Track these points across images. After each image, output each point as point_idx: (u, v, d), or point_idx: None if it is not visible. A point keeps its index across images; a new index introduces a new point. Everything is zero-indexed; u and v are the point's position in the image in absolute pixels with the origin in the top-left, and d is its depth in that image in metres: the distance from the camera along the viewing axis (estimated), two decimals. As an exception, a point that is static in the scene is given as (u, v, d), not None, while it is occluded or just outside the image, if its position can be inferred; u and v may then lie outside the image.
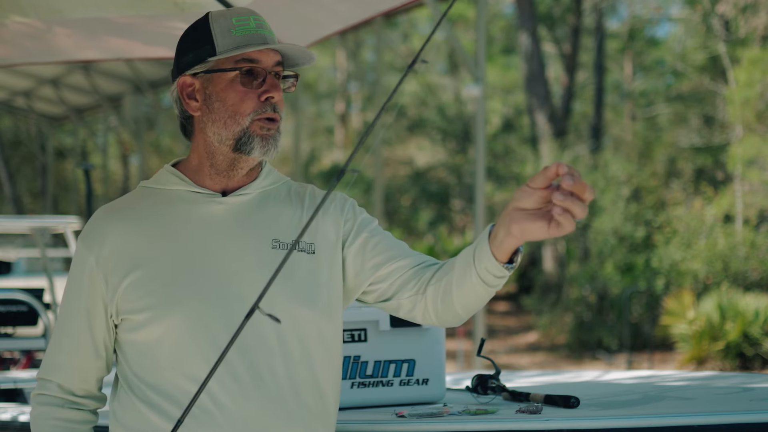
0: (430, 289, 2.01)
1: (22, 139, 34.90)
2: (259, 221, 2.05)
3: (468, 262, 1.91)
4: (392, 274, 2.06)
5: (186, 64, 2.06)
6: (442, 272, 2.00)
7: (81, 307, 2.04)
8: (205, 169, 2.06)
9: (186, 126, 2.10)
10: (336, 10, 3.21)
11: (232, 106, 2.01)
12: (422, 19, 27.31)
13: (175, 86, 2.07)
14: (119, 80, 23.87)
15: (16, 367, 6.17)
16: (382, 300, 2.09)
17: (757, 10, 17.32)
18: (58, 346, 2.08)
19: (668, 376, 3.24)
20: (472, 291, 1.93)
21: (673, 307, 13.89)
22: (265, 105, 2.02)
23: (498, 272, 1.87)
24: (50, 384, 2.08)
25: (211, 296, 1.98)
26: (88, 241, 2.04)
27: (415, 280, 2.04)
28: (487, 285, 1.91)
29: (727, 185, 17.21)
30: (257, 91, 2.01)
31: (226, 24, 2.03)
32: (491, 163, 21.52)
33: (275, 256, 2.02)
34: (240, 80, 2.01)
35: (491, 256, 1.86)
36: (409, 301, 2.05)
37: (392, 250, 2.08)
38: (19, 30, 3.42)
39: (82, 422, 2.08)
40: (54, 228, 6.95)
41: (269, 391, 1.97)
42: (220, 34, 2.02)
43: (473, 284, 1.91)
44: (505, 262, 1.86)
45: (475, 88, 12.39)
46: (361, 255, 2.08)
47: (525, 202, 1.76)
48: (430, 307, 2.02)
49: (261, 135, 2.01)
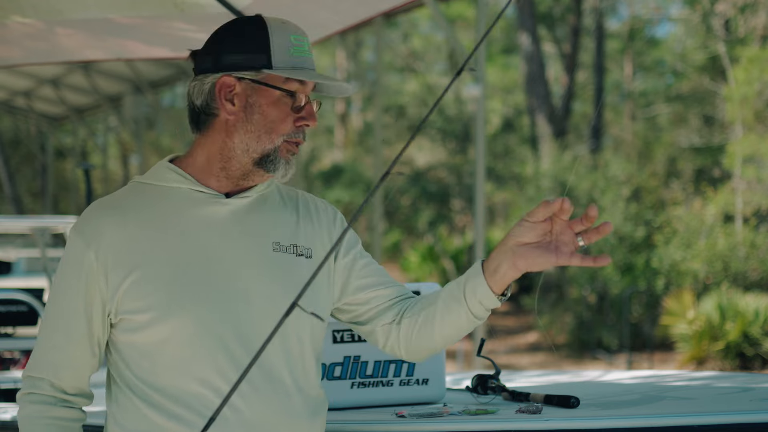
0: (405, 322, 2.08)
1: (22, 139, 34.90)
2: (260, 223, 2.05)
3: (456, 296, 1.97)
4: (373, 300, 2.12)
5: (234, 64, 1.99)
6: (420, 306, 2.07)
7: (78, 303, 1.98)
8: (215, 170, 2.03)
9: (201, 120, 2.04)
10: (336, 10, 3.21)
11: (271, 123, 2.00)
12: (422, 19, 27.32)
13: (213, 82, 2.00)
14: (119, 80, 23.86)
15: (16, 367, 6.17)
16: (355, 322, 2.15)
17: (757, 9, 17.31)
18: (49, 343, 2.01)
19: (668, 376, 3.24)
20: (457, 323, 2.01)
21: (673, 307, 13.89)
22: (299, 131, 2.02)
23: (492, 304, 1.95)
24: (41, 382, 2.02)
25: (216, 297, 1.97)
26: (85, 235, 1.97)
27: (394, 311, 2.10)
28: (475, 317, 1.98)
29: (724, 183, 17.21)
30: (296, 115, 2.02)
31: (286, 40, 2.00)
32: (491, 163, 21.51)
33: (277, 258, 2.02)
34: (285, 101, 2.00)
35: (488, 290, 1.92)
36: (383, 329, 2.11)
37: (378, 276, 2.14)
38: (19, 30, 3.42)
39: (74, 420, 2.04)
40: (54, 228, 6.95)
41: (278, 391, 1.98)
42: (279, 49, 1.99)
43: (459, 316, 1.99)
44: (501, 293, 1.94)
45: (475, 88, 12.39)
46: (349, 272, 2.12)
47: (526, 237, 1.82)
48: (402, 339, 2.09)
49: (286, 158, 2.02)
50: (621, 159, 18.92)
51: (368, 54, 30.15)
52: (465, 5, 23.92)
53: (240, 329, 1.96)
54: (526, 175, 19.09)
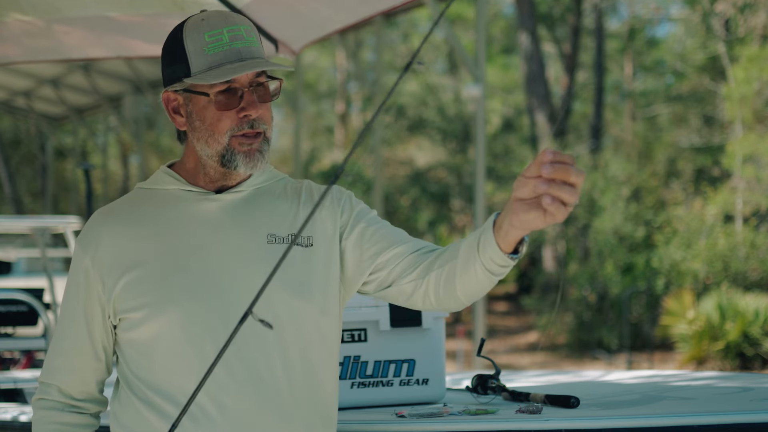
0: (432, 275, 1.98)
1: (22, 139, 34.89)
2: (253, 217, 2.04)
3: (472, 251, 1.88)
4: (391, 260, 2.03)
5: (167, 79, 2.04)
6: (444, 258, 1.97)
7: (79, 309, 2.04)
8: (201, 174, 2.07)
9: (179, 133, 2.10)
10: (336, 9, 3.21)
11: (210, 126, 2.00)
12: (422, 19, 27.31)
13: (160, 98, 2.07)
14: (119, 80, 23.86)
15: (16, 367, 6.17)
16: (383, 288, 2.06)
17: (756, 9, 17.32)
18: (58, 349, 2.07)
19: (668, 376, 3.24)
20: (476, 279, 1.91)
21: (673, 307, 13.89)
22: (242, 122, 1.99)
23: (503, 262, 1.85)
24: (50, 388, 2.07)
25: (207, 293, 1.97)
26: (84, 243, 2.04)
27: (415, 265, 2.01)
28: (492, 274, 1.88)
29: (724, 182, 17.21)
30: (235, 110, 1.99)
31: (199, 41, 1.99)
32: (491, 163, 21.51)
33: (271, 251, 2.01)
34: (215, 101, 1.99)
35: (496, 247, 1.83)
36: (409, 286, 2.01)
37: (390, 237, 2.05)
38: (18, 28, 3.41)
39: (82, 426, 2.07)
40: (54, 228, 6.95)
41: (267, 390, 1.96)
42: (194, 53, 1.99)
43: (477, 272, 1.89)
44: (509, 252, 1.83)
45: (475, 88, 12.39)
46: (360, 245, 2.06)
47: (522, 192, 1.73)
48: (431, 292, 1.99)
49: (243, 151, 1.99)
50: (621, 159, 18.91)
51: (368, 54, 30.16)
52: (465, 5, 23.91)
53: (230, 324, 1.94)
54: (525, 175, 19.05)
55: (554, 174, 1.67)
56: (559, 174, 1.67)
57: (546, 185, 1.67)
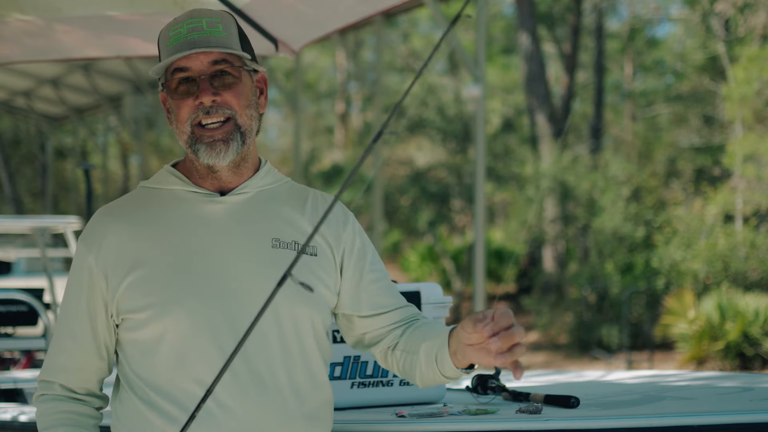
0: (398, 354, 2.10)
1: (22, 139, 34.91)
2: (258, 220, 2.05)
3: (431, 359, 2.02)
4: (375, 323, 2.13)
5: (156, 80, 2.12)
6: (413, 343, 2.07)
7: (82, 307, 2.04)
8: (194, 173, 2.08)
9: None
10: (336, 9, 3.21)
11: (176, 117, 2.04)
12: (422, 19, 27.32)
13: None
14: (119, 80, 23.88)
15: (16, 367, 6.17)
16: (351, 331, 2.16)
17: (756, 9, 17.31)
18: (59, 347, 2.07)
19: (668, 376, 3.24)
20: (434, 380, 2.06)
21: (673, 306, 13.88)
22: (197, 110, 2.01)
23: (459, 375, 2.00)
24: (53, 385, 2.07)
25: (211, 295, 1.97)
26: (87, 241, 2.04)
27: (392, 336, 2.13)
28: (450, 378, 2.03)
29: (724, 182, 17.20)
30: (192, 98, 2.01)
31: (165, 37, 2.05)
32: (491, 163, 21.50)
33: (275, 255, 2.02)
34: (175, 90, 2.02)
35: (452, 365, 1.97)
36: (381, 352, 2.14)
37: (384, 297, 2.14)
38: (18, 27, 3.41)
39: (86, 416, 2.07)
40: (54, 228, 6.95)
41: (270, 390, 1.97)
42: (162, 49, 2.05)
43: (435, 374, 2.03)
44: (464, 368, 1.98)
45: (475, 88, 12.39)
46: (356, 284, 2.12)
47: (468, 341, 1.87)
48: (395, 366, 2.12)
49: (205, 143, 2.01)
50: (621, 159, 18.91)
51: (368, 54, 30.16)
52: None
53: (235, 327, 1.96)
54: (526, 175, 19.08)
55: (500, 341, 1.79)
56: (504, 342, 1.79)
57: (494, 339, 1.80)
